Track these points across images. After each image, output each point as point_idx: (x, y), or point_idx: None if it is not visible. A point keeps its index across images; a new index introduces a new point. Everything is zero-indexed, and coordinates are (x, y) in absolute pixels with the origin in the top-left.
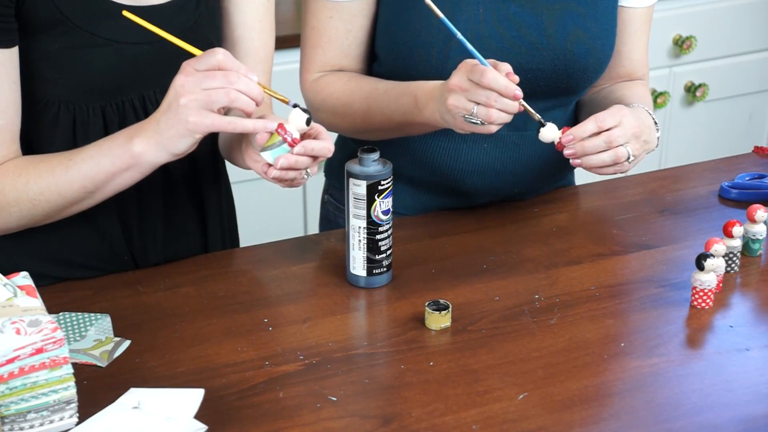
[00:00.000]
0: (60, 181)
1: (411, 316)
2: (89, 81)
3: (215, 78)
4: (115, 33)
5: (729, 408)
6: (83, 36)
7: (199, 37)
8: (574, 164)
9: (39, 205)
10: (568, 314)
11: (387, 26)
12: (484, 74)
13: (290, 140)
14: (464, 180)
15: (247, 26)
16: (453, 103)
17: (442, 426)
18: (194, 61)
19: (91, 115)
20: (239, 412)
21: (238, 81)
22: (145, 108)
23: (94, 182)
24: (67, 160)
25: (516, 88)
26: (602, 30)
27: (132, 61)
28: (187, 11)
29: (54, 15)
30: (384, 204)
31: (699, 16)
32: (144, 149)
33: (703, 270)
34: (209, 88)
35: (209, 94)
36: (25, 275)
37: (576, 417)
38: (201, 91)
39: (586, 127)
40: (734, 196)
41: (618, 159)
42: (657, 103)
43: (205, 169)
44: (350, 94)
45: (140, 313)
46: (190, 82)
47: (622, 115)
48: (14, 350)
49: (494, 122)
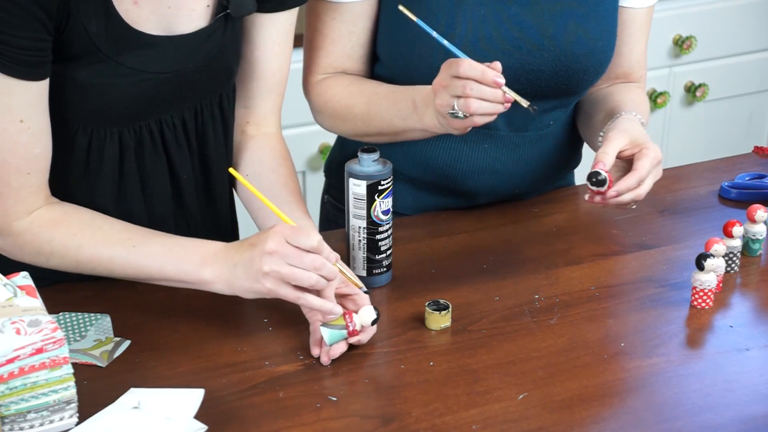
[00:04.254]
0: (115, 261)
1: (411, 316)
2: (110, 107)
3: (304, 260)
4: (143, 63)
5: (729, 408)
6: (110, 66)
7: (221, 64)
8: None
9: (81, 268)
10: (568, 314)
11: (388, 27)
12: (460, 64)
13: (351, 330)
14: (464, 180)
15: (267, 48)
16: (438, 102)
17: (442, 426)
18: (290, 234)
19: (108, 139)
20: (239, 412)
21: (323, 268)
22: (162, 132)
23: (149, 277)
24: (129, 245)
25: (496, 75)
26: (603, 31)
27: (154, 89)
28: (214, 39)
29: (87, 47)
30: (384, 204)
31: (699, 16)
32: (213, 280)
33: (703, 270)
34: (296, 266)
35: (293, 273)
36: (25, 275)
37: (576, 417)
38: (287, 266)
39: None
40: (734, 196)
41: (642, 193)
42: (657, 103)
43: (218, 185)
44: (351, 98)
45: (140, 313)
46: (279, 254)
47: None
48: (14, 350)
49: (475, 112)
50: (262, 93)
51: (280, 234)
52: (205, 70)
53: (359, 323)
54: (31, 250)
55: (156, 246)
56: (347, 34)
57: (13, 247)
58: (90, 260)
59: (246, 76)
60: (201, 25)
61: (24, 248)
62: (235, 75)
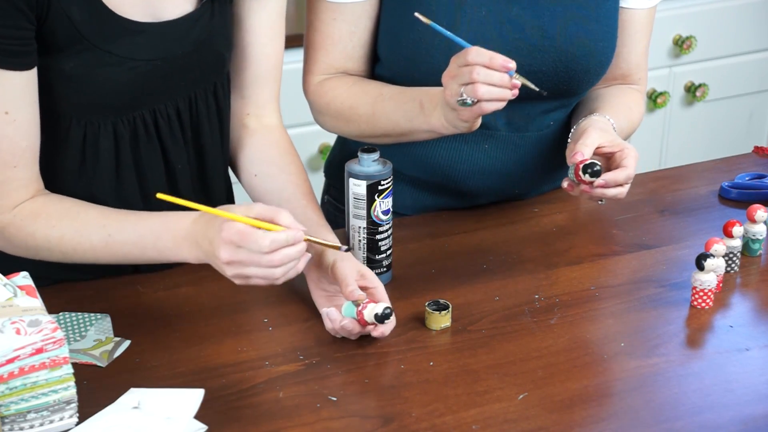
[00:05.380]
0: (97, 249)
1: (411, 316)
2: (102, 98)
3: (262, 262)
4: (130, 51)
5: (729, 408)
6: (99, 54)
7: (211, 50)
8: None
9: (69, 258)
10: (568, 314)
11: (390, 28)
12: (468, 52)
13: (359, 309)
14: (464, 181)
15: (259, 32)
16: (447, 92)
17: (442, 426)
18: (239, 239)
19: (102, 130)
20: (239, 412)
21: (286, 260)
22: (156, 123)
23: (134, 261)
24: (105, 234)
25: (505, 60)
26: (604, 32)
27: (145, 78)
28: (202, 24)
29: (73, 35)
30: (384, 204)
31: (699, 16)
32: (193, 259)
33: (703, 270)
34: (251, 275)
35: (257, 273)
36: (25, 275)
37: (576, 417)
38: (249, 269)
39: (618, 177)
40: (734, 196)
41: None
42: (657, 103)
43: (213, 175)
44: (355, 99)
45: (140, 313)
46: (235, 263)
47: (636, 158)
48: (14, 350)
49: (482, 97)
50: (257, 80)
51: (229, 243)
52: (196, 56)
53: (369, 314)
54: (19, 244)
55: (129, 233)
56: (348, 35)
57: (1, 240)
58: (74, 251)
59: (240, 65)
60: (187, 10)
61: (12, 241)
62: (227, 63)
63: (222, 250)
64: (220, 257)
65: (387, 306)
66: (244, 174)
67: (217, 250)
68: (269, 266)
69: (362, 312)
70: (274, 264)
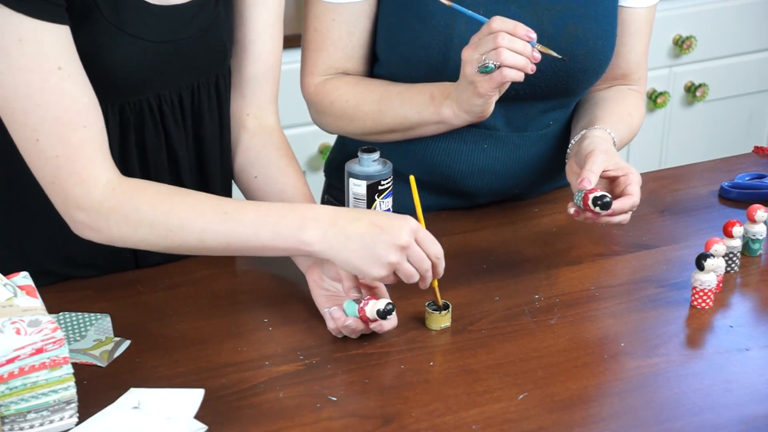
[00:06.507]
0: (206, 230)
1: (411, 316)
2: (111, 77)
3: (423, 264)
4: (141, 30)
5: (729, 408)
6: (110, 30)
7: (215, 38)
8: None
9: (170, 239)
10: (568, 314)
11: (388, 28)
12: (493, 20)
13: (361, 306)
14: (464, 181)
15: (259, 30)
16: (467, 59)
17: (442, 426)
18: (423, 236)
19: (110, 114)
20: (239, 412)
21: (429, 271)
22: (161, 108)
23: (241, 247)
24: (221, 211)
25: (528, 30)
26: (602, 31)
27: (153, 60)
28: (207, 11)
29: (89, 5)
30: (384, 204)
31: (699, 16)
32: (314, 242)
33: (703, 270)
34: (413, 265)
35: (408, 270)
36: (25, 275)
37: (576, 417)
38: (408, 263)
39: (624, 206)
40: (734, 196)
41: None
42: (657, 103)
43: (211, 166)
44: (361, 96)
45: (140, 313)
46: (408, 251)
47: (639, 183)
48: (14, 350)
49: (504, 61)
50: (258, 78)
51: (416, 231)
52: (200, 42)
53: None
54: (118, 220)
55: (250, 213)
56: (347, 35)
57: (98, 219)
58: (180, 228)
59: (241, 62)
60: None
61: (110, 218)
62: (230, 56)
63: (406, 234)
64: (400, 239)
65: (389, 302)
66: (244, 175)
67: (400, 233)
68: (421, 269)
69: (364, 309)
70: (426, 268)
